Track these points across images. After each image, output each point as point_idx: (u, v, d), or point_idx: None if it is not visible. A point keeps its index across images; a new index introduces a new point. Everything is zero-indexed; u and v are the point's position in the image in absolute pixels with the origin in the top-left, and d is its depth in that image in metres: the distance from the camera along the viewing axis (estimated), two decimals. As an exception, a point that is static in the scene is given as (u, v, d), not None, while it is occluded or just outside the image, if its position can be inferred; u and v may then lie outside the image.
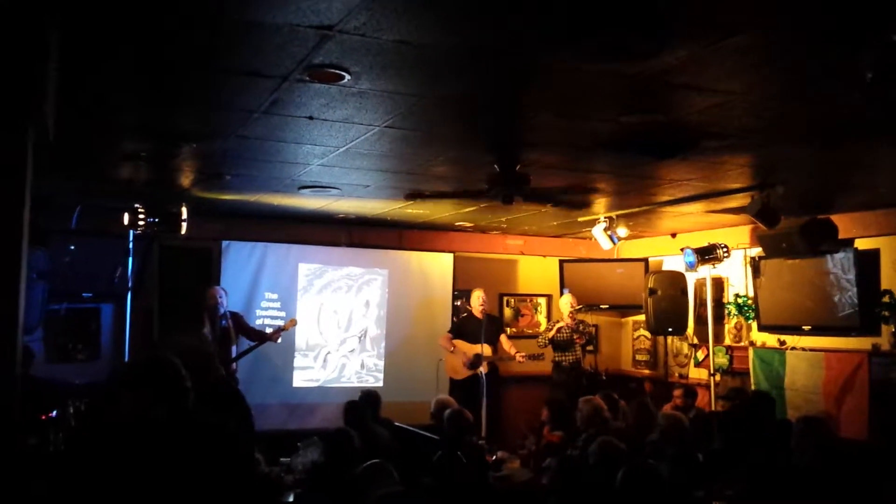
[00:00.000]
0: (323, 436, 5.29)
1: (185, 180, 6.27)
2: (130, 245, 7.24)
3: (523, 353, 8.39)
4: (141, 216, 6.70)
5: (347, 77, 3.51)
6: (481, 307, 8.54)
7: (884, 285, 6.83)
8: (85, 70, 3.51)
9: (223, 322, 7.48)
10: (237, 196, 7.04)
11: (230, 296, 7.74)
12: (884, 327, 6.83)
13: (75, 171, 5.90)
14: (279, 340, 7.97)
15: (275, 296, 8.59)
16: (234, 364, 7.57)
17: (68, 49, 3.08)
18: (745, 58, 3.25)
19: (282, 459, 5.76)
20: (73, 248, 7.30)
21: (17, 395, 2.61)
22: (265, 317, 8.48)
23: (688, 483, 4.75)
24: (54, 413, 5.07)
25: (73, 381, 6.63)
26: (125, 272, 7.41)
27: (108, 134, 4.85)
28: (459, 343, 8.58)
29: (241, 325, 7.76)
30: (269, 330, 8.14)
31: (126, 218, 6.67)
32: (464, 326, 8.72)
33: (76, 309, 7.61)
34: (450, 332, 8.88)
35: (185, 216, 6.82)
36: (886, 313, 6.76)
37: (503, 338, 8.73)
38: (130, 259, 7.25)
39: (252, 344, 7.77)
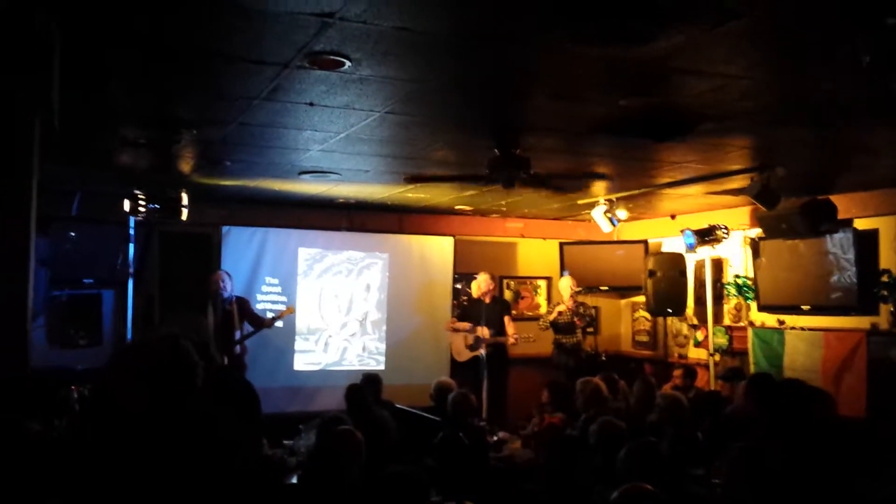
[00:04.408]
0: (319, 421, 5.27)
1: (186, 166, 6.27)
2: (131, 231, 7.26)
3: (517, 335, 8.34)
4: (141, 202, 6.72)
5: (348, 64, 3.53)
6: (486, 291, 8.48)
7: (882, 265, 6.86)
8: (87, 59, 3.52)
9: (226, 306, 7.52)
10: (238, 182, 7.06)
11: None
12: (882, 306, 6.88)
13: (76, 158, 5.90)
14: (273, 326, 7.94)
15: (275, 280, 8.62)
16: (237, 347, 7.60)
17: (70, 38, 3.08)
18: (744, 41, 3.26)
19: (284, 442, 5.82)
20: (73, 234, 7.30)
21: (29, 380, 2.64)
22: (266, 301, 8.50)
23: (687, 462, 4.79)
24: (58, 399, 5.12)
25: (76, 366, 6.67)
26: (126, 258, 7.44)
27: (109, 121, 4.86)
28: (461, 324, 8.61)
29: (245, 310, 7.79)
30: (269, 315, 8.17)
31: (127, 204, 6.68)
32: (469, 311, 8.72)
33: (77, 295, 7.60)
34: (455, 317, 8.91)
35: (185, 202, 6.83)
36: (885, 292, 6.81)
37: (507, 319, 8.59)
38: (131, 245, 7.28)
39: (251, 330, 7.78)
